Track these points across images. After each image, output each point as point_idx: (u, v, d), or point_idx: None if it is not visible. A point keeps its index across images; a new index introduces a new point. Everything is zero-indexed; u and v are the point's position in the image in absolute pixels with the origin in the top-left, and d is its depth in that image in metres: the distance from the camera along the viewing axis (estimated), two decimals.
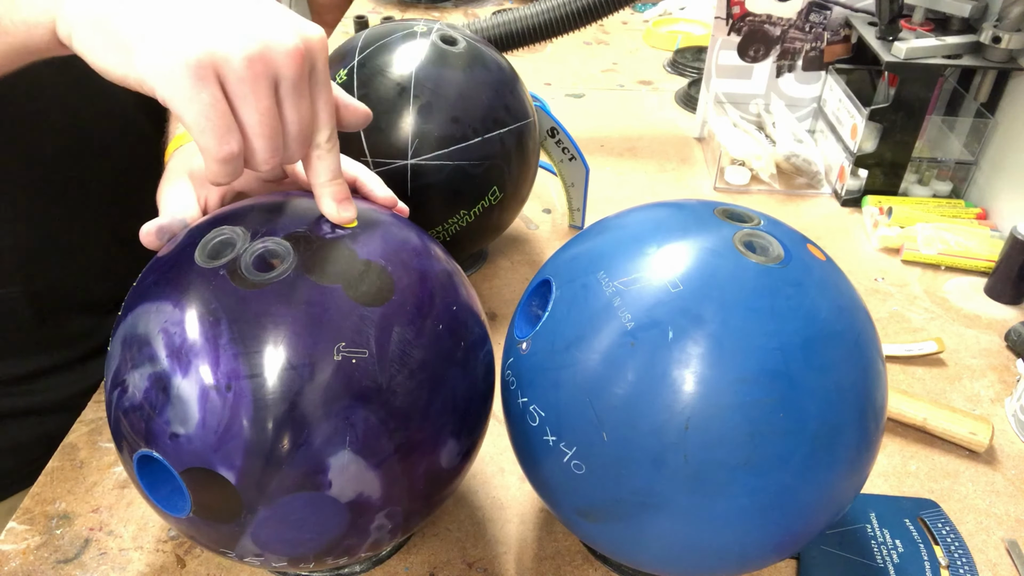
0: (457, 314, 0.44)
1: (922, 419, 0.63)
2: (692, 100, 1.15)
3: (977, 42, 0.84)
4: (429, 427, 0.42)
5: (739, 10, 0.97)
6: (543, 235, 0.88)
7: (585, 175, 0.84)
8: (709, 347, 0.38)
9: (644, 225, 0.45)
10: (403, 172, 0.65)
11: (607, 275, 0.42)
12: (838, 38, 0.97)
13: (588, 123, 1.12)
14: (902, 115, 0.87)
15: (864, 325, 0.43)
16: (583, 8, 0.91)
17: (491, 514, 0.57)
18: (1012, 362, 0.71)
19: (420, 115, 0.65)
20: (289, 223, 0.42)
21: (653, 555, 0.44)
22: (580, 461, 0.41)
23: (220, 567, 0.53)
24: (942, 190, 0.93)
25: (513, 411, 0.46)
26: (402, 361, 0.40)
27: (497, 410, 0.49)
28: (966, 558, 0.53)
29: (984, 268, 0.81)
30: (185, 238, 0.44)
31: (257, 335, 0.38)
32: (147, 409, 0.39)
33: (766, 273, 0.40)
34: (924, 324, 0.76)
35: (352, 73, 0.66)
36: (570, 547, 0.55)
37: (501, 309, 0.77)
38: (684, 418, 0.38)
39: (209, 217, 0.45)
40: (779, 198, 0.95)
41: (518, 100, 0.70)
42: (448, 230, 0.70)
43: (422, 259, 0.45)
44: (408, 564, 0.53)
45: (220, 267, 0.40)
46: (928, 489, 0.60)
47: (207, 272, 0.40)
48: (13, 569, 0.52)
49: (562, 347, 0.42)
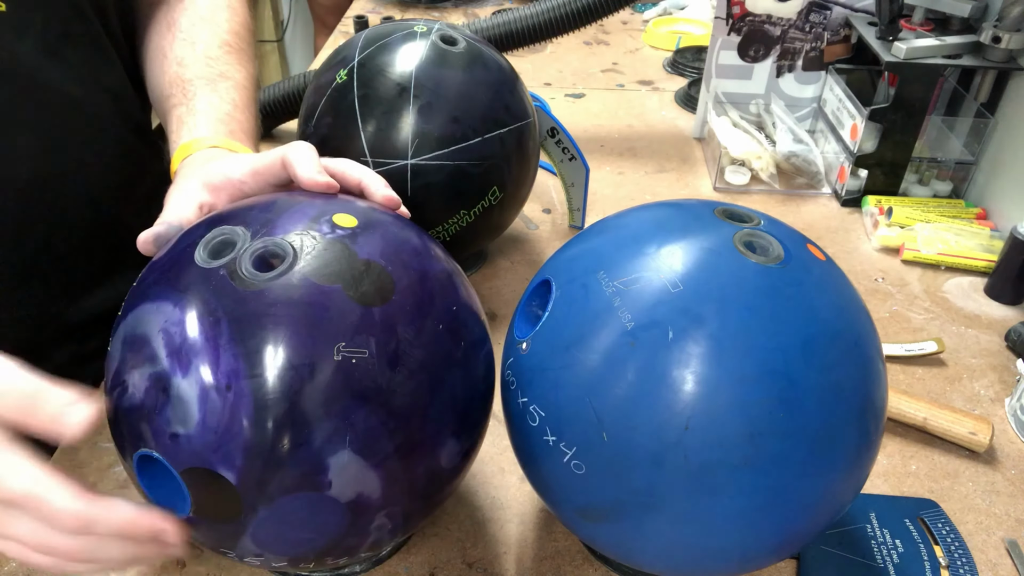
0: (457, 314, 0.44)
1: (922, 419, 0.63)
2: (692, 100, 1.15)
3: (977, 42, 0.84)
4: (429, 427, 0.42)
5: (739, 10, 0.97)
6: (543, 235, 0.88)
7: (585, 175, 0.84)
8: (709, 347, 0.38)
9: (644, 225, 0.45)
10: (403, 172, 0.65)
11: (607, 275, 0.42)
12: (838, 38, 0.97)
13: (588, 123, 1.12)
14: (902, 115, 0.87)
15: (864, 325, 0.43)
16: (583, 8, 0.91)
17: (491, 514, 0.57)
18: (1012, 362, 0.71)
19: (420, 115, 0.65)
20: (289, 223, 0.42)
21: (653, 555, 0.44)
22: (580, 461, 0.41)
23: (220, 567, 0.53)
24: (942, 190, 0.93)
25: (513, 411, 0.46)
26: (402, 361, 0.40)
27: (497, 410, 0.49)
28: (966, 558, 0.53)
29: (984, 268, 0.81)
30: (185, 238, 0.44)
31: (257, 335, 0.38)
32: (147, 409, 0.39)
33: (766, 273, 0.40)
34: (924, 324, 0.76)
35: (352, 73, 0.66)
36: (570, 547, 0.55)
37: (501, 309, 0.77)
38: (684, 418, 0.38)
39: (209, 217, 0.45)
40: (779, 198, 0.95)
41: (518, 100, 0.70)
42: (448, 230, 0.70)
43: (422, 259, 0.45)
44: (408, 564, 0.53)
45: (220, 267, 0.40)
46: (928, 489, 0.60)
47: (207, 272, 0.40)
48: (13, 569, 0.52)
49: (562, 347, 0.42)
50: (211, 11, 0.68)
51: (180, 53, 0.65)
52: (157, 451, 0.39)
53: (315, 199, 0.45)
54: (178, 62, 0.64)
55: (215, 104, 0.61)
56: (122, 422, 0.40)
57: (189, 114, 0.60)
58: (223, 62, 0.65)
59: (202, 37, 0.66)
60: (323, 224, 0.43)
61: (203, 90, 0.62)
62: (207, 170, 0.51)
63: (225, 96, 0.62)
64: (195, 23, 0.67)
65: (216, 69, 0.64)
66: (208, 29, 0.67)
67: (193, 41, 0.66)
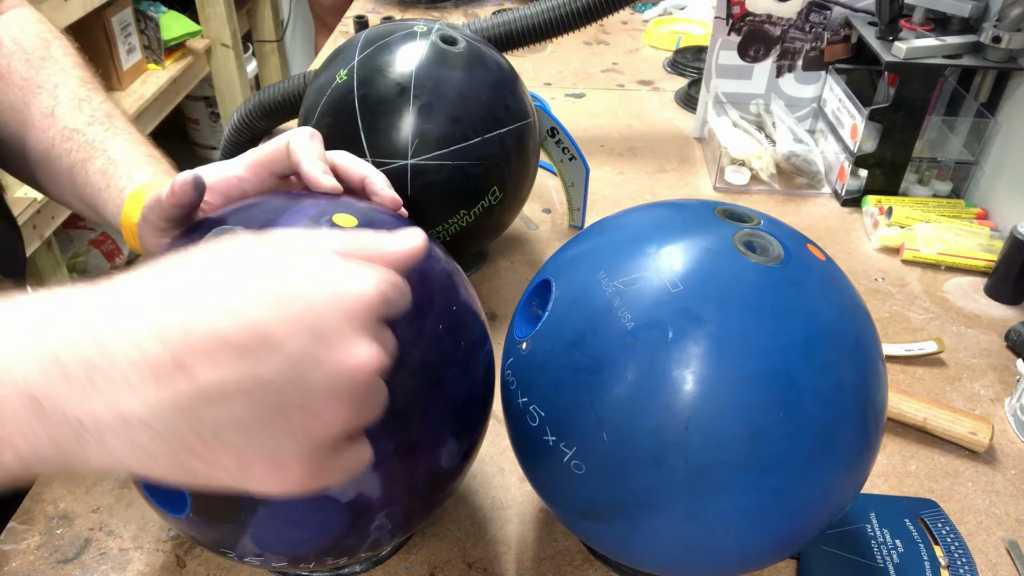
0: (457, 314, 0.44)
1: (922, 419, 0.63)
2: (692, 100, 1.15)
3: (977, 42, 0.84)
4: (429, 427, 0.42)
5: (739, 10, 0.97)
6: (543, 235, 0.88)
7: (585, 175, 0.84)
8: (709, 347, 0.38)
9: (644, 225, 0.45)
10: (403, 172, 0.65)
11: (607, 275, 0.42)
12: (838, 38, 0.97)
13: (588, 123, 1.12)
14: (902, 115, 0.87)
15: (864, 325, 0.43)
16: (583, 8, 0.91)
17: (491, 514, 0.57)
18: (1012, 362, 0.71)
19: (420, 115, 0.65)
20: (290, 223, 0.42)
21: (653, 555, 0.44)
22: (580, 461, 0.41)
23: (220, 567, 0.53)
24: (942, 190, 0.93)
25: (513, 411, 0.46)
26: (402, 361, 0.40)
27: (497, 410, 0.49)
28: (966, 558, 0.53)
29: (984, 268, 0.81)
30: (183, 238, 0.44)
31: None
32: None
33: (766, 273, 0.40)
34: (924, 324, 0.76)
35: (352, 73, 0.66)
36: (570, 547, 0.55)
37: (501, 309, 0.77)
38: (684, 418, 0.38)
39: (209, 217, 0.45)
40: (779, 198, 0.95)
41: (518, 100, 0.70)
42: (448, 230, 0.70)
43: (422, 259, 0.45)
44: (408, 564, 0.53)
45: None
46: (928, 489, 0.60)
47: None
48: (13, 569, 0.52)
49: (562, 347, 0.42)
50: (38, 46, 0.60)
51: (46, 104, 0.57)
52: None
53: (318, 199, 0.45)
54: (50, 114, 0.57)
55: (128, 147, 0.56)
56: None
57: (111, 164, 0.55)
58: (97, 100, 0.59)
59: (57, 80, 0.59)
60: (323, 224, 0.43)
61: (104, 135, 0.56)
62: (202, 172, 0.50)
63: (128, 135, 0.57)
64: (36, 67, 0.59)
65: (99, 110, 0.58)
66: (55, 69, 0.59)
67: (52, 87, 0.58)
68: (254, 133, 1.01)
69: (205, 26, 2.07)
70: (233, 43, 2.11)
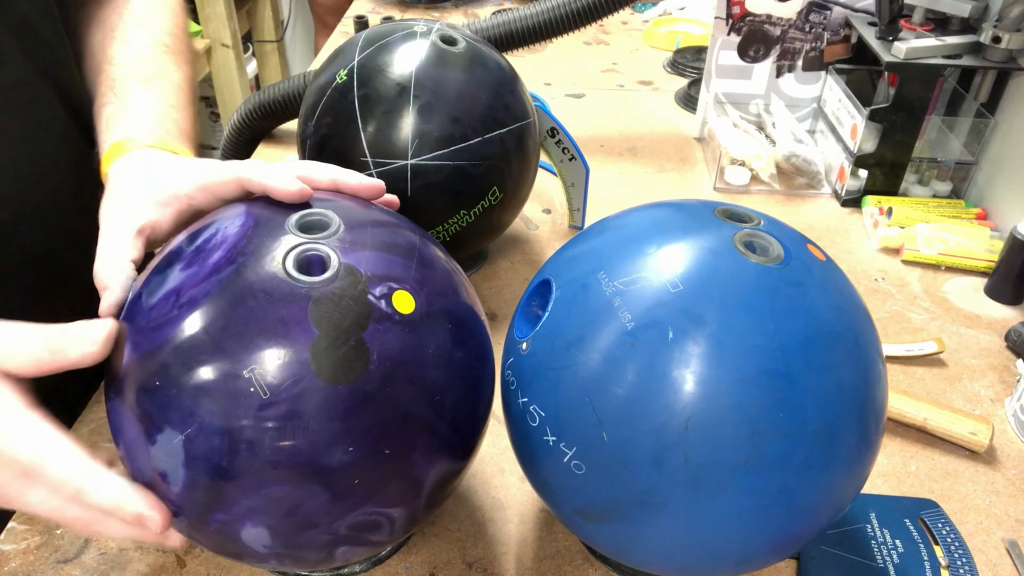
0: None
1: (922, 419, 0.63)
2: (692, 100, 1.15)
3: (977, 42, 0.84)
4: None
5: (739, 10, 0.97)
6: (543, 235, 0.88)
7: (585, 175, 0.84)
8: (709, 347, 0.38)
9: (644, 225, 0.45)
10: (403, 172, 0.65)
11: (607, 275, 0.42)
12: (838, 38, 0.97)
13: (588, 123, 1.12)
14: (902, 115, 0.87)
15: (864, 325, 0.43)
16: (583, 8, 0.91)
17: (491, 514, 0.57)
18: (1012, 362, 0.71)
19: (420, 115, 0.65)
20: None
21: (653, 555, 0.44)
22: (580, 461, 0.41)
23: (220, 567, 0.53)
24: (942, 190, 0.93)
25: (513, 411, 0.46)
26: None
27: (497, 410, 0.49)
28: (966, 558, 0.53)
29: (984, 268, 0.81)
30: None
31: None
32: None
33: (766, 273, 0.40)
34: (924, 324, 0.76)
35: (352, 73, 0.66)
36: (570, 547, 0.55)
37: (501, 309, 0.77)
38: (684, 418, 0.38)
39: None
40: (779, 198, 0.95)
41: (518, 100, 0.70)
42: (448, 230, 0.70)
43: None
44: (408, 564, 0.53)
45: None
46: (928, 489, 0.60)
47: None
48: (13, 569, 0.52)
49: (562, 347, 0.42)
50: (148, 12, 0.66)
51: (112, 52, 0.62)
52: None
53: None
54: (109, 61, 0.61)
55: (148, 102, 0.58)
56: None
57: (120, 113, 0.56)
58: (159, 62, 0.62)
59: (137, 36, 0.63)
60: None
61: (135, 88, 0.58)
62: (151, 185, 0.48)
63: (160, 95, 0.59)
64: (130, 23, 0.64)
65: (151, 68, 0.61)
66: (144, 29, 0.64)
67: (127, 40, 0.62)
68: (254, 133, 1.01)
69: (205, 26, 2.07)
70: (233, 43, 2.11)
